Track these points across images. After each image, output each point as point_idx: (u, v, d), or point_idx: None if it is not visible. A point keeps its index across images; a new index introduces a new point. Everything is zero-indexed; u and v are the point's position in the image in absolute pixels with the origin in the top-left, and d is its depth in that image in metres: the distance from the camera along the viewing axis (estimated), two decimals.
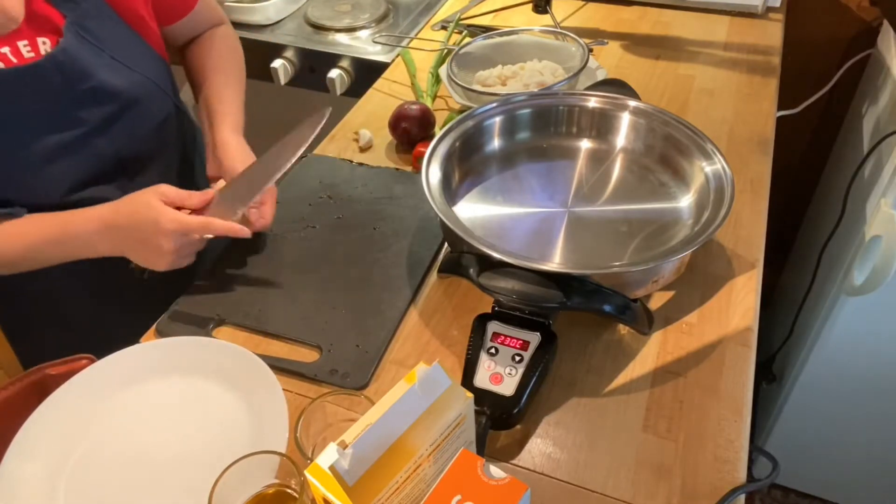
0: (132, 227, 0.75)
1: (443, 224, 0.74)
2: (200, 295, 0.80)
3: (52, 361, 0.70)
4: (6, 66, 0.74)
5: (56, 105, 0.77)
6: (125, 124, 0.84)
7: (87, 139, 0.80)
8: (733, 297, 0.76)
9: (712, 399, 0.67)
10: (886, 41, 1.25)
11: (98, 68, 0.79)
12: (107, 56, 0.80)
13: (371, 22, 1.37)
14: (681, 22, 1.28)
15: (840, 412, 1.31)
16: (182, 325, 0.77)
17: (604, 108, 0.88)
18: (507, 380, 0.64)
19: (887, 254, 0.99)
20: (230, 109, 0.90)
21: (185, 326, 0.76)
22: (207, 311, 0.78)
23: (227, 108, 0.90)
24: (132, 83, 0.83)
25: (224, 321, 0.77)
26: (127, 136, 0.85)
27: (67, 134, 0.79)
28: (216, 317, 0.77)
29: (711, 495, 0.59)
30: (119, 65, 0.81)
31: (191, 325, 0.76)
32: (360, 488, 0.47)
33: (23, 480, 0.61)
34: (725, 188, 0.73)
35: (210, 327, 0.76)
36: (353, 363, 0.71)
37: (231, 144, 0.85)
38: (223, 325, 0.77)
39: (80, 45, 0.78)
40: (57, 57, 0.76)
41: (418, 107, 0.98)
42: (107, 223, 0.76)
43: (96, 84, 0.79)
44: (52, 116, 0.78)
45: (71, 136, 0.79)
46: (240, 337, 0.76)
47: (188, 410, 0.67)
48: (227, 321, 0.77)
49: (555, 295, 0.65)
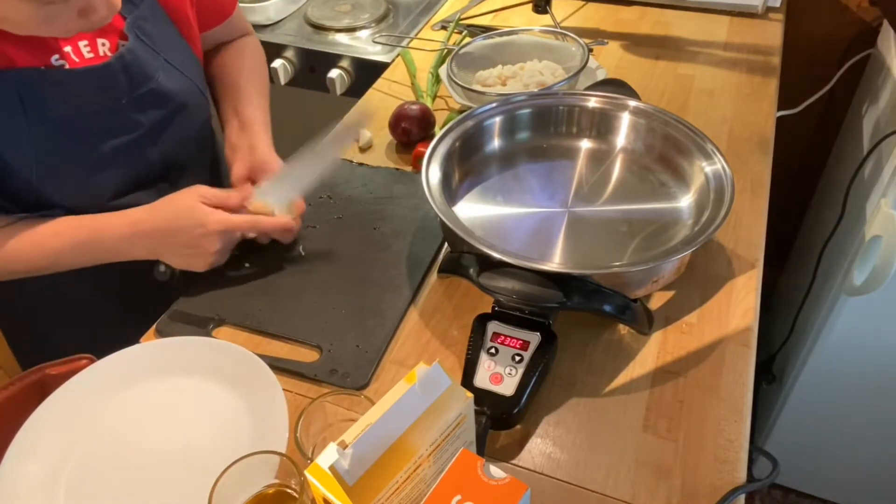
0: (175, 231, 0.74)
1: (443, 224, 0.74)
2: (200, 295, 0.80)
3: (52, 361, 0.70)
4: (70, 65, 0.73)
5: (118, 107, 0.77)
6: (174, 129, 0.84)
7: (139, 143, 0.80)
8: (733, 297, 0.76)
9: (712, 399, 0.67)
10: (886, 41, 1.25)
11: (156, 71, 0.79)
12: (161, 59, 0.80)
13: (371, 22, 1.37)
14: (681, 22, 1.28)
15: (840, 412, 1.31)
16: (182, 325, 0.76)
17: (604, 108, 0.88)
18: (507, 380, 0.64)
19: (887, 254, 0.99)
20: (261, 117, 0.90)
21: (186, 326, 0.76)
22: (208, 311, 0.78)
23: (259, 115, 0.90)
24: (182, 88, 0.83)
25: (224, 321, 0.77)
26: (173, 141, 0.84)
27: (124, 138, 0.78)
28: (216, 317, 0.77)
29: (711, 495, 0.59)
30: (171, 68, 0.81)
31: (191, 325, 0.76)
32: (360, 488, 0.47)
33: (23, 480, 0.61)
34: (725, 188, 0.73)
35: (210, 327, 0.76)
36: (352, 363, 0.71)
37: (263, 146, 0.86)
38: (223, 325, 0.77)
39: (141, 47, 0.78)
40: (124, 58, 0.75)
41: (418, 107, 0.98)
42: (142, 228, 0.75)
43: (154, 87, 0.79)
44: (111, 119, 0.77)
45: (126, 141, 0.78)
46: (240, 337, 0.76)
47: (188, 410, 0.67)
48: (228, 321, 0.77)
49: (555, 295, 0.65)
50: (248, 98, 0.91)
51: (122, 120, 0.78)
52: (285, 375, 0.71)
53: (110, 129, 0.77)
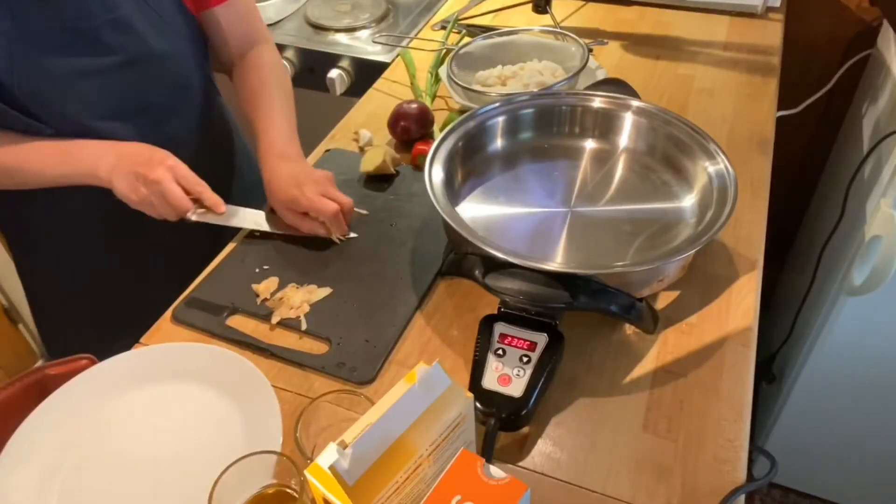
0: (136, 152, 0.78)
1: (446, 225, 0.74)
2: (217, 282, 0.81)
3: (52, 361, 0.70)
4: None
5: (92, 28, 0.78)
6: (151, 67, 0.85)
7: (112, 71, 0.81)
8: (733, 297, 0.76)
9: (712, 399, 0.67)
10: (886, 41, 1.25)
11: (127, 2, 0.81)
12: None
13: (371, 22, 1.37)
14: (681, 22, 1.28)
15: (840, 412, 1.31)
16: (198, 312, 0.78)
17: (606, 107, 0.88)
18: (516, 381, 0.64)
19: (887, 254, 0.99)
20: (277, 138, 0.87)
21: (201, 313, 0.78)
22: (223, 299, 0.79)
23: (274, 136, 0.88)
24: (155, 29, 0.84)
25: (238, 310, 0.78)
26: (153, 79, 0.86)
27: (97, 60, 0.80)
28: (230, 305, 0.78)
29: (711, 495, 0.59)
30: (148, 8, 0.83)
31: (206, 312, 0.78)
32: (360, 488, 0.46)
33: (16, 485, 0.60)
34: (728, 187, 0.73)
35: (224, 315, 0.77)
36: (360, 358, 0.72)
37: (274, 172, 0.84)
38: (237, 313, 0.78)
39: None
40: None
41: (417, 105, 0.98)
42: (114, 146, 0.79)
43: (125, 15, 0.80)
44: (85, 39, 0.79)
45: (99, 64, 0.80)
46: (250, 325, 0.76)
47: (182, 416, 0.67)
48: (241, 310, 0.78)
49: (561, 295, 0.65)
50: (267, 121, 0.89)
51: (94, 42, 0.79)
52: (291, 368, 0.72)
53: (84, 48, 0.79)
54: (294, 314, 0.76)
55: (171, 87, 0.89)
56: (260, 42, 0.97)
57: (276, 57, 0.98)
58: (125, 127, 0.85)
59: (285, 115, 0.90)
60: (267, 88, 0.92)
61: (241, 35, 0.95)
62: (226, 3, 0.92)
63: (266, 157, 0.85)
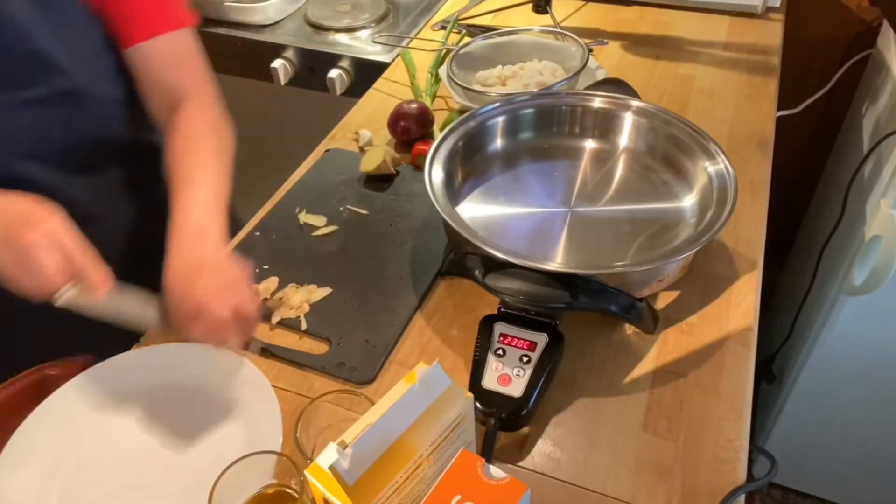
0: (14, 206, 0.62)
1: (446, 225, 0.74)
2: None
3: (52, 361, 0.70)
4: None
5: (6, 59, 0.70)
6: (73, 105, 0.76)
7: (34, 104, 0.73)
8: (733, 297, 0.76)
9: (712, 399, 0.67)
10: (886, 41, 1.25)
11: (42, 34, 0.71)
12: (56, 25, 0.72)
13: (371, 22, 1.36)
14: (681, 22, 1.28)
15: (840, 412, 1.31)
16: None
17: (606, 107, 0.88)
18: (516, 381, 0.64)
19: (887, 254, 0.99)
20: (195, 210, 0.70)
21: None
22: None
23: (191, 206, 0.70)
24: (78, 63, 0.75)
25: None
26: (79, 118, 0.77)
27: (16, 94, 0.72)
28: None
29: (711, 495, 0.59)
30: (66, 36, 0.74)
31: None
32: (360, 488, 0.46)
33: (16, 485, 0.60)
34: (728, 187, 0.74)
35: None
36: (360, 358, 0.72)
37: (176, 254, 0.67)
38: None
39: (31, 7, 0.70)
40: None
41: (417, 105, 0.98)
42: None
43: (37, 49, 0.71)
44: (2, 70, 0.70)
45: (20, 96, 0.72)
46: None
47: (182, 416, 0.67)
48: None
49: (561, 295, 0.65)
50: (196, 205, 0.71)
51: (11, 75, 0.71)
52: (291, 367, 0.71)
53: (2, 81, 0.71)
54: (294, 314, 0.76)
55: (101, 130, 0.80)
56: (198, 95, 0.80)
57: (214, 114, 0.80)
58: (45, 170, 0.75)
59: (212, 181, 0.73)
60: (193, 149, 0.75)
61: (173, 84, 0.79)
62: (152, 38, 0.76)
63: (176, 233, 0.68)
